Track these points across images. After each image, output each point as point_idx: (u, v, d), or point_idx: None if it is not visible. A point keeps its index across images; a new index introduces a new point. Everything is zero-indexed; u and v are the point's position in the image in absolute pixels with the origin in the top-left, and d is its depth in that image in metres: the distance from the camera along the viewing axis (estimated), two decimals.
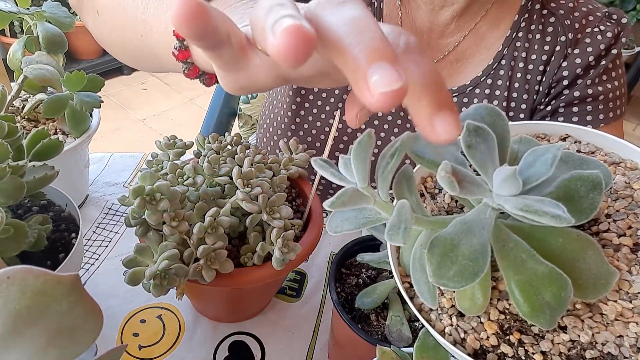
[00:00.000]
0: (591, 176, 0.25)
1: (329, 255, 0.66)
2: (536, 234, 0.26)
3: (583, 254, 0.25)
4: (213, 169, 0.47)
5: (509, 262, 0.25)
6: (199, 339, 0.54)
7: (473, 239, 0.24)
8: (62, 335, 0.21)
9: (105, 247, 0.64)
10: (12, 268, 0.20)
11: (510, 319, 0.27)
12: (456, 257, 0.24)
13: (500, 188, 0.24)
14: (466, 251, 0.24)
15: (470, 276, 0.23)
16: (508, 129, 0.28)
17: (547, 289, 0.24)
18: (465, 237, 0.24)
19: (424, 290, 0.26)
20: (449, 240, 0.24)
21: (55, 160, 0.48)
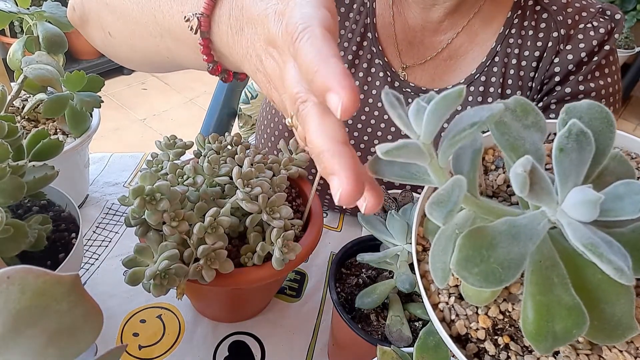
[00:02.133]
0: None
1: (329, 255, 0.66)
2: (578, 261, 0.23)
3: (614, 299, 0.23)
4: (213, 169, 0.47)
5: (538, 280, 0.23)
6: (199, 339, 0.54)
7: (515, 247, 0.22)
8: (62, 335, 0.21)
9: (105, 247, 0.64)
10: (12, 268, 0.20)
11: (506, 322, 0.26)
12: (488, 257, 0.22)
13: (571, 208, 0.22)
14: (501, 256, 0.22)
15: (495, 282, 0.21)
16: (612, 144, 0.25)
17: (562, 320, 0.22)
18: (507, 242, 0.22)
19: (438, 268, 0.24)
20: (489, 238, 0.22)
21: (55, 160, 0.48)
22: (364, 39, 0.66)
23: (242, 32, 0.34)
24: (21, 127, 0.60)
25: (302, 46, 0.26)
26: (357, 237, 0.53)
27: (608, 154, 0.25)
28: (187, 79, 2.79)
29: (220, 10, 0.36)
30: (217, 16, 0.36)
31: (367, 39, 0.66)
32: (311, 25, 0.26)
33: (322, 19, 0.27)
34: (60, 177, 0.46)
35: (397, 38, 0.66)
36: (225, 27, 0.36)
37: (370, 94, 0.67)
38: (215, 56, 0.38)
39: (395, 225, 0.47)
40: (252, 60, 0.34)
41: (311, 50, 0.25)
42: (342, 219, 0.73)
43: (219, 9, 0.36)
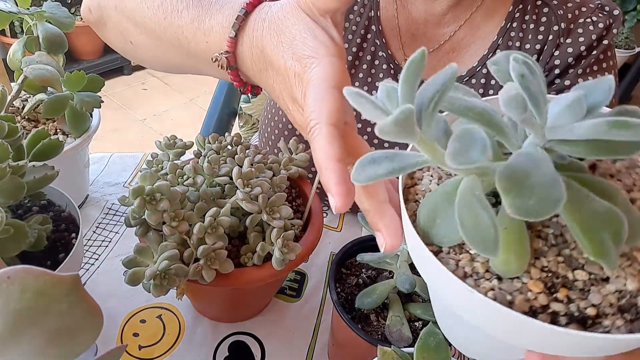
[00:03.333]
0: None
1: (329, 255, 0.66)
2: (585, 177, 0.24)
3: (624, 201, 0.23)
4: (213, 169, 0.47)
5: (570, 202, 0.22)
6: (199, 339, 0.54)
7: (543, 169, 0.21)
8: (62, 335, 0.21)
9: (105, 247, 0.64)
10: (12, 268, 0.20)
11: (552, 277, 0.25)
12: (532, 186, 0.21)
13: (560, 117, 0.22)
14: (541, 180, 0.21)
15: (553, 203, 0.21)
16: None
17: (606, 228, 0.22)
18: (534, 168, 0.21)
19: (480, 237, 0.22)
20: (521, 170, 0.21)
21: (55, 160, 0.48)
22: (367, 31, 0.67)
23: (267, 71, 0.37)
24: (21, 127, 0.60)
25: (313, 141, 0.30)
26: (357, 237, 0.53)
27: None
28: (187, 79, 2.79)
29: (242, 47, 0.38)
30: (240, 52, 0.38)
31: (371, 32, 0.67)
32: (319, 122, 0.30)
33: (329, 113, 0.30)
34: (60, 177, 0.46)
35: (400, 31, 0.67)
36: (249, 63, 0.38)
37: (374, 87, 0.68)
38: (244, 80, 0.41)
39: None
40: (279, 99, 0.37)
41: (318, 148, 0.29)
42: (342, 219, 0.73)
43: (241, 45, 0.38)
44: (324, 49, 0.33)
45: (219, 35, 0.39)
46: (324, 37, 0.34)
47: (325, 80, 0.31)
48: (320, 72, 0.32)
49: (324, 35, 0.34)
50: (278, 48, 0.35)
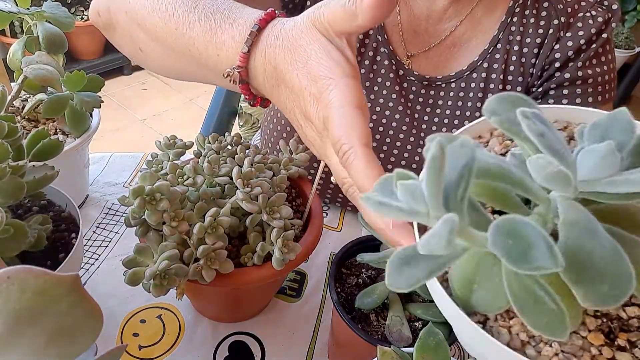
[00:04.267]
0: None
1: (329, 255, 0.66)
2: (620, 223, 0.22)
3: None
4: (213, 169, 0.47)
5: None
6: (199, 339, 0.54)
7: (601, 240, 0.19)
8: (62, 335, 0.21)
9: (105, 247, 0.64)
10: (12, 268, 0.20)
11: (607, 322, 0.24)
12: (599, 272, 0.19)
13: (593, 171, 0.20)
14: (604, 258, 0.19)
15: (626, 289, 0.19)
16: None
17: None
18: (591, 241, 0.19)
19: (546, 321, 0.20)
20: (580, 249, 0.19)
21: (55, 160, 0.48)
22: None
23: (279, 88, 0.37)
24: (21, 127, 0.60)
25: (350, 166, 0.31)
26: (357, 237, 0.53)
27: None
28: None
29: (254, 62, 0.38)
30: (252, 67, 0.38)
31: (372, 28, 0.67)
32: (353, 146, 0.31)
33: (360, 135, 0.31)
34: (60, 177, 0.46)
35: (402, 27, 0.67)
36: (261, 79, 0.38)
37: (376, 82, 0.68)
38: (254, 93, 0.41)
39: None
40: (290, 114, 0.38)
41: (359, 171, 0.30)
42: (342, 219, 0.73)
43: (253, 60, 0.38)
44: (340, 69, 0.33)
45: (231, 50, 0.39)
46: (339, 58, 0.34)
47: (347, 102, 0.32)
48: (340, 95, 0.32)
49: (339, 55, 0.34)
50: (292, 66, 0.35)
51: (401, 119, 0.68)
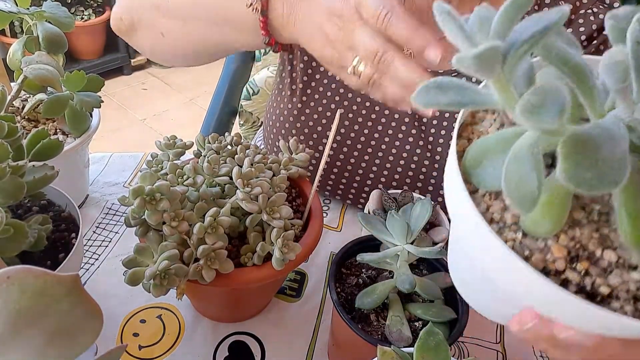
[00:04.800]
0: None
1: (329, 255, 0.66)
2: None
3: None
4: (213, 169, 0.47)
5: (630, 186, 0.22)
6: (199, 339, 0.54)
7: (616, 147, 0.21)
8: (62, 335, 0.21)
9: (105, 247, 0.64)
10: (12, 268, 0.20)
11: (579, 249, 0.25)
12: (596, 161, 0.20)
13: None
14: (607, 156, 0.20)
15: (610, 184, 0.20)
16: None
17: None
18: (606, 143, 0.21)
19: (519, 193, 0.22)
20: (591, 141, 0.21)
21: (56, 160, 0.48)
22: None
23: (298, 5, 0.45)
24: (21, 127, 0.60)
25: (391, 26, 0.37)
26: (357, 237, 0.53)
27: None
28: (187, 79, 2.79)
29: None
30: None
31: None
32: (390, 9, 0.37)
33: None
34: (60, 177, 0.46)
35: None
36: (280, 5, 0.46)
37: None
38: (270, 31, 0.49)
39: (395, 225, 0.47)
40: (306, 29, 0.45)
41: (402, 26, 0.37)
42: (342, 219, 0.73)
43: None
44: None
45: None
46: None
47: None
48: None
49: None
50: None
51: (415, 141, 0.67)
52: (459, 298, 0.48)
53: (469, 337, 0.58)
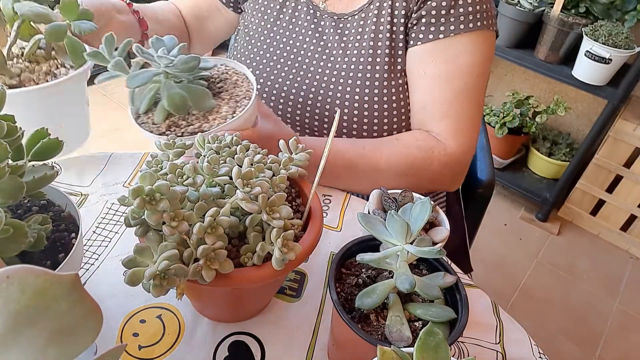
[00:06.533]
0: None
1: (329, 255, 0.66)
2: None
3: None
4: (213, 169, 0.47)
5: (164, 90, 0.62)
6: (199, 339, 0.54)
7: (147, 74, 0.62)
8: (62, 334, 0.21)
9: (105, 247, 0.64)
10: (12, 267, 0.20)
11: (173, 124, 0.65)
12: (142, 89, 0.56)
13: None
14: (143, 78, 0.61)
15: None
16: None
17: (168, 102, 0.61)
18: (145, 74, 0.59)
19: (143, 107, 0.66)
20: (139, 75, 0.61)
21: (58, 96, 0.55)
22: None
23: None
24: (24, 68, 0.63)
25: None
26: (357, 237, 0.53)
27: None
28: None
29: None
30: None
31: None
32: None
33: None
34: (63, 113, 0.54)
35: None
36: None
37: (295, 29, 0.86)
38: None
39: (395, 225, 0.47)
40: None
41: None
42: (342, 219, 0.73)
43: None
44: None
45: None
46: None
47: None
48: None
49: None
50: None
51: (316, 54, 0.83)
52: (459, 298, 0.48)
53: (469, 337, 0.58)
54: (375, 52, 0.79)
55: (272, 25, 0.89)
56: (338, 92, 0.80)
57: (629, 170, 1.91)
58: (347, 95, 0.80)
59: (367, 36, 0.80)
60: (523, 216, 2.18)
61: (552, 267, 1.96)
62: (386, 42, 0.79)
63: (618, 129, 1.87)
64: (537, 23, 1.87)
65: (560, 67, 1.88)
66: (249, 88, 0.65)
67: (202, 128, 0.59)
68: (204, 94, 0.61)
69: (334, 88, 0.81)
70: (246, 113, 0.61)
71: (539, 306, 1.80)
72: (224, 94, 0.64)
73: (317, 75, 0.83)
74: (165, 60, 0.59)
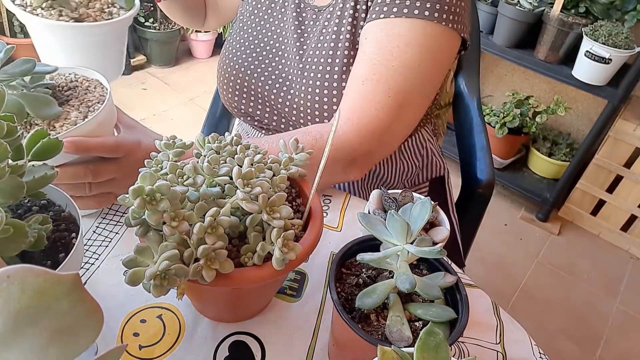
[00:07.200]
0: None
1: (329, 255, 0.66)
2: None
3: None
4: (213, 169, 0.47)
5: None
6: (199, 339, 0.54)
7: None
8: (63, 334, 0.21)
9: (105, 247, 0.64)
10: (13, 267, 0.20)
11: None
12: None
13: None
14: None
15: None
16: None
17: None
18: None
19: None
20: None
21: (106, 29, 0.66)
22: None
23: None
24: (79, 2, 0.67)
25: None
26: (357, 237, 0.53)
27: None
28: (187, 79, 2.79)
29: None
30: None
31: None
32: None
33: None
34: (107, 47, 0.64)
35: None
36: None
37: (282, 18, 0.88)
38: None
39: (395, 225, 0.47)
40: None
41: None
42: (342, 219, 0.73)
43: None
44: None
45: None
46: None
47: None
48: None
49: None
50: None
51: (294, 44, 0.84)
52: (459, 298, 0.48)
53: (469, 337, 0.58)
54: (337, 40, 0.79)
55: (264, 14, 0.91)
56: (304, 80, 0.80)
57: (629, 171, 1.91)
58: (310, 82, 0.79)
59: (333, 23, 0.80)
60: (523, 216, 2.18)
61: (552, 267, 1.96)
62: (348, 27, 0.78)
63: (618, 129, 1.87)
64: (537, 23, 1.87)
65: (560, 67, 1.88)
66: (102, 93, 0.62)
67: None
68: (45, 101, 0.56)
69: (301, 75, 0.81)
70: (100, 115, 0.57)
71: (539, 306, 1.80)
72: (73, 101, 0.60)
73: (290, 63, 0.84)
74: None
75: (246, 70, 0.89)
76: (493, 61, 2.31)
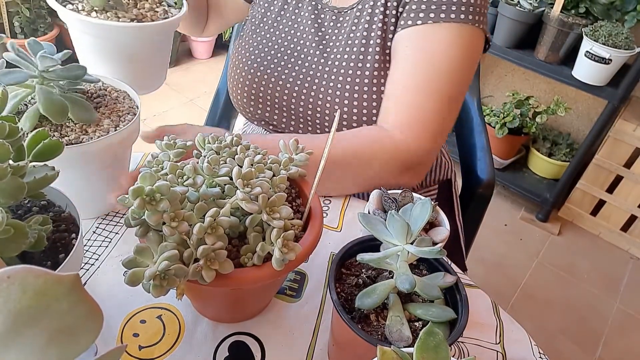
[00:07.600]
0: None
1: (329, 255, 0.66)
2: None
3: None
4: (213, 169, 0.47)
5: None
6: (199, 339, 0.54)
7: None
8: (62, 335, 0.21)
9: (105, 247, 0.64)
10: (13, 268, 0.20)
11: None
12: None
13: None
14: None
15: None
16: None
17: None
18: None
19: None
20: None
21: (163, 32, 0.69)
22: None
23: None
24: (128, 2, 0.68)
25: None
26: (357, 237, 0.53)
27: None
28: (187, 79, 2.79)
29: None
30: None
31: None
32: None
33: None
34: (161, 52, 0.67)
35: None
36: None
37: (297, 20, 0.88)
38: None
39: (395, 225, 0.47)
40: None
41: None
42: (342, 219, 0.73)
43: None
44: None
45: None
46: None
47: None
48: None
49: None
50: None
51: (314, 46, 0.84)
52: (459, 298, 0.48)
53: (469, 337, 0.58)
54: (367, 44, 0.79)
55: (277, 16, 0.90)
56: (331, 83, 0.80)
57: (629, 171, 1.91)
58: (339, 85, 0.80)
59: (362, 27, 0.80)
60: (523, 216, 2.18)
61: (552, 268, 1.96)
62: (378, 32, 0.78)
63: (618, 129, 1.87)
64: (537, 23, 1.87)
65: (560, 68, 1.88)
66: (131, 105, 0.65)
67: (82, 140, 0.56)
68: (86, 106, 0.58)
69: (327, 79, 0.81)
70: (131, 126, 0.60)
71: (539, 306, 1.80)
72: (103, 108, 0.62)
73: (313, 66, 0.84)
74: (48, 63, 0.54)
75: (262, 74, 0.87)
76: (493, 61, 2.31)
